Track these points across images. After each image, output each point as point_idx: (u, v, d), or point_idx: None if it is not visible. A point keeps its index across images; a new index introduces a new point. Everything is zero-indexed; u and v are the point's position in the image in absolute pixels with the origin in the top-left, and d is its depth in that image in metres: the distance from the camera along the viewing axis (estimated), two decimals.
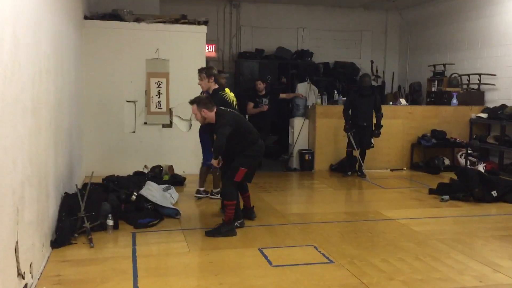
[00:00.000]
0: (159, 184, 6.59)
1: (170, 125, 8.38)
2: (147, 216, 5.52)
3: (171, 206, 5.86)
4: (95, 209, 5.17)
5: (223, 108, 5.36)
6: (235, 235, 5.02)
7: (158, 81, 8.25)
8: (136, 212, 5.57)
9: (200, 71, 6.37)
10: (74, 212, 5.05)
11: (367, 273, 4.06)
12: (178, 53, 8.29)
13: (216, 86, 6.24)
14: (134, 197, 5.74)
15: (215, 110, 5.17)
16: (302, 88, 10.77)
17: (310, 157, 9.13)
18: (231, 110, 5.46)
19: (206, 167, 6.75)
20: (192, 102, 5.23)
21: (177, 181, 7.58)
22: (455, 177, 7.73)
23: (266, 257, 4.43)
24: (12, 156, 3.15)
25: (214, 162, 5.19)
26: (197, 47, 8.42)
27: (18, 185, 3.32)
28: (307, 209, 6.37)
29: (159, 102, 8.28)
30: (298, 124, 9.38)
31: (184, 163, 8.31)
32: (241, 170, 5.13)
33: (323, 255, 4.50)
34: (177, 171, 8.10)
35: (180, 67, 8.28)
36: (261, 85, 8.81)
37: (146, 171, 7.89)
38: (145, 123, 8.29)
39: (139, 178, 7.00)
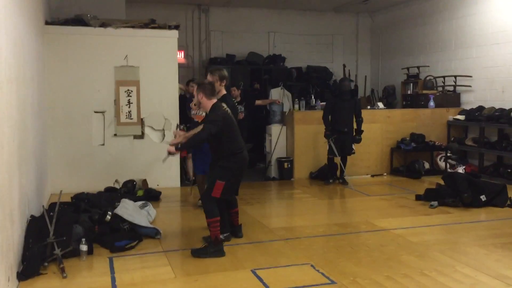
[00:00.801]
0: (133, 200, 6.11)
1: (142, 136, 7.88)
2: (124, 237, 5.03)
3: (150, 225, 5.38)
4: (66, 233, 4.65)
5: (224, 105, 4.89)
6: (223, 255, 4.60)
7: (128, 90, 7.74)
8: (112, 234, 5.07)
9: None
10: (43, 237, 4.53)
11: None
12: (149, 60, 7.82)
13: (225, 92, 5.64)
14: (108, 217, 5.24)
15: (213, 101, 4.80)
16: (276, 93, 10.48)
17: (289, 165, 8.80)
18: (229, 111, 4.89)
19: (202, 175, 6.28)
20: (197, 83, 5.13)
21: (152, 196, 7.10)
22: (436, 181, 7.60)
23: (261, 280, 4.04)
24: None
25: (171, 148, 4.72)
26: (168, 53, 7.98)
27: None
28: (294, 221, 6.02)
29: (129, 112, 7.77)
30: (276, 131, 9.04)
31: (158, 176, 7.84)
32: (218, 183, 4.68)
33: (323, 274, 4.14)
34: (151, 185, 7.62)
35: (151, 74, 7.81)
36: (235, 92, 8.42)
37: (118, 186, 7.37)
38: (115, 134, 7.76)
39: (111, 195, 6.49)
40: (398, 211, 6.45)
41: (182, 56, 11.25)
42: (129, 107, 7.77)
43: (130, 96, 7.75)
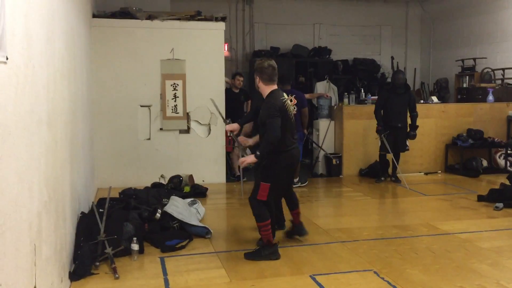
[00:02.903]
0: (181, 197, 5.96)
1: (187, 130, 7.72)
2: (174, 236, 4.87)
3: (200, 224, 5.20)
4: (117, 231, 4.53)
5: (282, 93, 4.44)
6: (278, 258, 4.35)
7: (174, 83, 7.58)
8: (162, 233, 4.92)
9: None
10: (93, 235, 4.41)
11: None
12: (195, 53, 7.63)
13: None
14: (158, 215, 5.09)
15: (272, 88, 4.36)
16: (321, 87, 10.17)
17: (338, 162, 8.47)
18: (288, 103, 4.44)
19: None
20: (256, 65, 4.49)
21: (199, 192, 6.93)
22: (495, 180, 7.14)
23: (321, 286, 3.78)
24: (28, 182, 2.50)
25: (246, 161, 4.35)
26: (215, 46, 7.77)
27: (34, 217, 2.67)
28: (349, 222, 5.70)
29: (175, 106, 7.62)
30: (324, 126, 8.72)
31: (204, 171, 7.67)
32: (263, 186, 4.29)
33: (388, 283, 3.84)
34: (197, 180, 7.45)
35: (198, 67, 7.62)
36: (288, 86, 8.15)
37: (163, 181, 7.24)
38: (161, 129, 7.63)
39: (158, 191, 6.33)
40: (460, 213, 6.04)
41: (226, 49, 11.04)
42: (175, 101, 7.61)
43: (176, 90, 7.59)
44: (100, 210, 4.80)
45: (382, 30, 12.13)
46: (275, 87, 4.39)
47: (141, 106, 7.56)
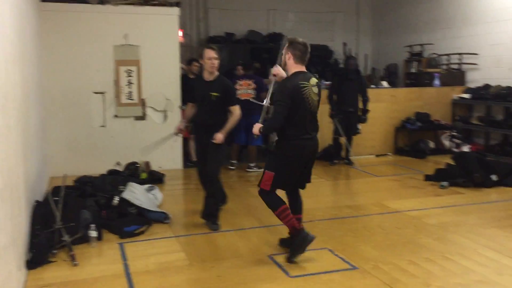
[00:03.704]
0: (138, 183, 5.94)
1: (143, 117, 7.65)
2: (133, 222, 4.87)
3: (158, 210, 5.23)
4: (74, 218, 4.50)
5: (308, 76, 3.93)
6: (313, 238, 3.97)
7: (128, 70, 7.49)
8: (120, 219, 4.92)
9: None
10: (49, 223, 4.36)
11: (398, 279, 3.62)
12: (149, 38, 7.54)
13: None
14: (116, 201, 5.07)
15: (298, 69, 3.90)
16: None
17: None
18: (306, 87, 3.87)
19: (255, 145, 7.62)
20: (288, 39, 4.00)
21: (156, 179, 6.93)
22: (441, 160, 7.51)
23: (280, 266, 3.92)
24: None
25: (256, 129, 4.01)
26: (169, 31, 7.71)
27: None
28: (305, 204, 5.73)
29: (130, 92, 7.53)
30: None
31: (161, 158, 7.64)
32: (267, 174, 3.98)
33: (342, 259, 4.03)
34: (153, 167, 7.43)
35: (152, 53, 7.55)
36: (241, 71, 8.25)
37: (120, 169, 7.18)
38: (116, 116, 7.53)
39: (115, 178, 6.26)
40: (408, 192, 6.35)
41: (181, 35, 10.94)
42: (130, 87, 7.53)
43: (131, 76, 7.50)
44: (55, 198, 4.73)
45: (335, 16, 12.35)
46: (302, 69, 3.94)
47: (95, 93, 7.43)
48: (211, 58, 4.75)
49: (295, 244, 3.98)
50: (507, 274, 3.69)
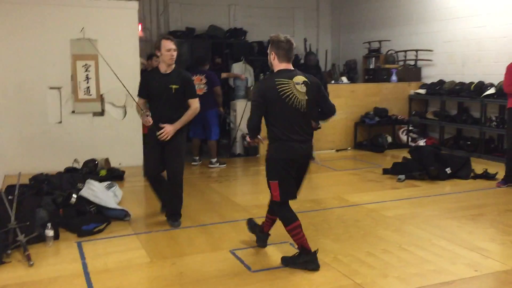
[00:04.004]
0: (97, 181, 5.82)
1: (102, 113, 7.50)
2: (92, 220, 4.77)
3: (118, 207, 5.14)
4: (29, 217, 4.37)
5: (292, 73, 3.67)
6: (316, 269, 3.70)
7: (86, 64, 7.31)
8: (78, 217, 4.81)
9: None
10: (3, 223, 4.22)
11: (357, 271, 3.70)
12: (108, 33, 7.38)
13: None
14: (73, 199, 4.96)
15: (282, 67, 3.70)
16: (238, 68, 10.29)
17: None
18: (286, 87, 3.61)
19: (215, 141, 7.73)
20: (269, 38, 3.82)
21: (116, 176, 6.81)
22: (398, 154, 7.73)
23: (242, 261, 3.93)
24: None
25: (249, 139, 3.96)
26: (128, 26, 7.58)
27: None
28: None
29: (88, 88, 7.36)
30: (241, 107, 8.86)
31: (120, 154, 7.51)
32: (271, 184, 3.76)
33: None
34: (113, 163, 7.30)
35: (111, 48, 7.35)
36: (206, 66, 8.26)
37: (78, 166, 7.01)
38: (73, 112, 7.34)
39: (72, 176, 6.11)
40: (367, 186, 6.49)
41: (140, 29, 10.77)
42: (88, 82, 7.35)
43: (88, 71, 7.33)
44: (9, 197, 4.58)
45: (295, 12, 12.44)
46: (287, 67, 3.70)
47: (51, 88, 7.22)
48: (170, 49, 4.55)
49: (299, 259, 3.76)
50: (460, 263, 3.84)
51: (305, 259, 3.73)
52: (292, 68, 3.73)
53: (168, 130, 4.59)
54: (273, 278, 3.60)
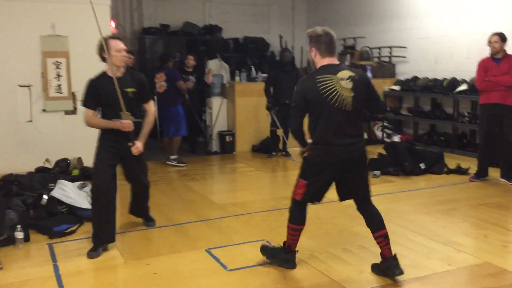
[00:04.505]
0: (70, 181, 5.69)
1: (74, 111, 7.32)
2: (63, 221, 4.67)
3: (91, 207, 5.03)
4: None
5: (335, 68, 3.36)
6: (293, 268, 3.66)
7: (57, 62, 7.12)
8: (49, 219, 4.69)
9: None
10: None
11: (333, 267, 3.71)
12: (79, 29, 7.18)
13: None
14: (44, 200, 4.84)
15: (325, 62, 3.39)
16: (213, 65, 10.18)
17: (231, 139, 8.63)
18: (328, 84, 3.29)
19: (176, 137, 7.57)
20: (307, 34, 3.50)
21: (89, 175, 6.62)
22: (374, 150, 7.77)
23: (218, 260, 3.89)
24: None
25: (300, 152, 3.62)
26: (100, 22, 7.33)
27: None
28: (242, 196, 5.88)
29: (59, 85, 7.18)
30: (216, 104, 8.80)
31: (93, 153, 7.33)
32: (299, 182, 3.55)
33: None
34: (86, 163, 7.14)
35: (82, 45, 7.17)
36: (191, 61, 8.22)
37: (49, 166, 6.85)
38: (44, 110, 7.16)
39: (44, 176, 5.99)
40: None
41: (113, 26, 10.58)
42: (59, 80, 7.17)
43: (59, 68, 7.15)
44: None
45: (270, 9, 12.42)
46: (331, 61, 3.40)
47: (20, 86, 7.02)
48: (121, 49, 4.01)
49: (279, 255, 3.72)
50: (435, 258, 3.87)
51: (284, 257, 3.68)
52: (337, 63, 3.45)
53: (140, 147, 4.11)
54: (249, 276, 3.57)
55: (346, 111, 3.30)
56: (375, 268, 3.61)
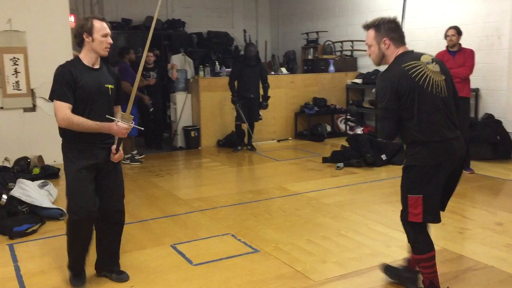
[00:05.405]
0: (30, 179, 5.57)
1: (33, 108, 7.15)
2: (24, 221, 4.57)
3: (53, 206, 4.95)
4: None
5: (419, 55, 2.95)
6: None
7: (14, 58, 6.93)
8: (9, 219, 4.59)
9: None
10: None
11: (297, 258, 3.78)
12: (37, 24, 7.02)
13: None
14: (3, 200, 4.73)
15: (400, 51, 2.95)
16: (177, 60, 10.12)
17: (196, 134, 8.61)
18: (421, 70, 2.86)
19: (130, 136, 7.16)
20: (369, 25, 3.06)
21: (50, 174, 6.54)
22: (338, 143, 7.94)
23: (183, 255, 3.90)
24: None
25: None
26: (59, 17, 7.24)
27: None
28: (208, 191, 5.89)
29: (17, 82, 6.99)
30: (180, 100, 8.75)
31: (55, 151, 7.14)
32: (412, 199, 2.88)
33: (245, 243, 4.11)
34: (48, 161, 7.00)
35: (41, 40, 7.04)
36: (151, 57, 8.14)
37: (9, 165, 6.67)
38: (1, 108, 6.96)
39: (3, 175, 5.85)
40: (307, 175, 6.61)
41: (73, 20, 10.34)
42: (16, 76, 6.98)
43: (17, 64, 6.96)
44: None
45: (234, 3, 12.38)
46: (406, 49, 2.99)
47: None
48: (107, 35, 3.20)
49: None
50: (395, 245, 4.00)
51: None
52: (410, 49, 3.02)
53: (121, 154, 3.34)
54: (214, 270, 3.60)
55: (444, 97, 2.88)
56: (389, 270, 3.35)
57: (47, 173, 6.51)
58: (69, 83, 3.16)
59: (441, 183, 2.88)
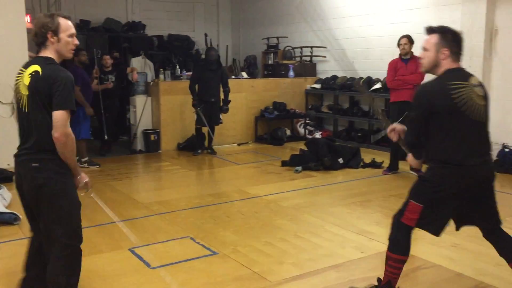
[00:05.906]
0: None
1: None
2: None
3: (6, 210, 4.84)
4: None
5: (463, 74, 2.88)
6: None
7: None
8: None
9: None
10: None
11: (255, 260, 3.85)
12: None
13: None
14: None
15: (453, 66, 2.88)
16: (137, 63, 10.06)
17: (156, 137, 8.57)
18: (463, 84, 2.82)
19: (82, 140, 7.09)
20: (434, 30, 2.91)
21: (3, 177, 6.36)
22: (297, 146, 8.09)
23: (141, 258, 3.90)
24: None
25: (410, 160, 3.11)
26: (14, 17, 7.07)
27: None
28: (167, 195, 5.89)
29: None
30: (140, 103, 8.69)
31: (9, 155, 6.95)
32: (412, 205, 2.94)
33: (203, 246, 4.15)
34: (1, 165, 6.81)
35: None
36: (108, 60, 8.01)
37: None
38: None
39: None
40: (266, 178, 6.71)
41: (29, 21, 10.09)
42: None
43: None
44: None
45: (195, 7, 12.41)
46: (459, 65, 2.91)
47: None
48: (73, 35, 2.89)
49: None
50: (349, 246, 4.14)
51: None
52: (462, 67, 2.94)
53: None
54: (172, 272, 3.62)
55: (481, 122, 2.86)
56: None
57: (0, 177, 6.34)
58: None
59: (452, 205, 2.90)
